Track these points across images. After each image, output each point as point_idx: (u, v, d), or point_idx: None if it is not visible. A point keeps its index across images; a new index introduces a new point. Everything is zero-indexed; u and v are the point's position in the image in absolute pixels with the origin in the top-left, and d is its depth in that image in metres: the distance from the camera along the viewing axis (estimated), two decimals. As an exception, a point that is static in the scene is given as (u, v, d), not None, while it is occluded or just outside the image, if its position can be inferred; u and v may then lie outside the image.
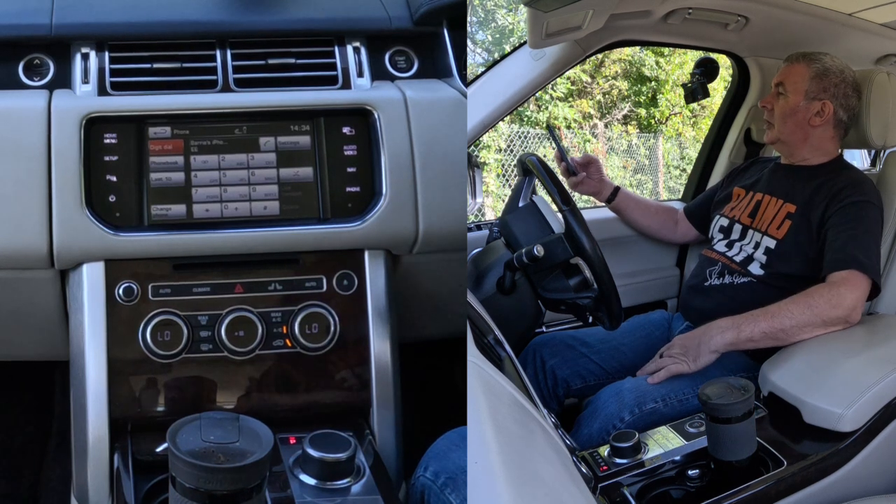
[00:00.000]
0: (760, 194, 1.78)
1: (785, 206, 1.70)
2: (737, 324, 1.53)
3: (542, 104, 7.38)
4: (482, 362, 0.89)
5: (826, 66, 1.73)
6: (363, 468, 1.08)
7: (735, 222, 1.79)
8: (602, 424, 1.49)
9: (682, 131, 8.36)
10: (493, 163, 6.78)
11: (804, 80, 1.72)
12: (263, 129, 1.21)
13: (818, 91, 1.72)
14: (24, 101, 1.17)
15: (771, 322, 1.51)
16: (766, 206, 1.75)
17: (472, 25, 7.35)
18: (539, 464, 0.79)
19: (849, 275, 1.54)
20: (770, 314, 1.51)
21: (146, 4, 1.29)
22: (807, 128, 1.74)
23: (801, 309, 1.50)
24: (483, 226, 2.09)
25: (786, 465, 1.27)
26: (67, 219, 1.13)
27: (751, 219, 1.76)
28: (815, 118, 1.72)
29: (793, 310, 1.51)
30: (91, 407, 1.13)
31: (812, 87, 1.72)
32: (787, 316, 1.50)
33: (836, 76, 1.72)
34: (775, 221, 1.70)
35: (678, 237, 2.13)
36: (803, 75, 1.73)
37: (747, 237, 1.75)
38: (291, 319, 1.18)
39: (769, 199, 1.75)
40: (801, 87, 1.72)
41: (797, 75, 1.74)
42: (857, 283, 1.53)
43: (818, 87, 1.72)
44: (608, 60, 7.81)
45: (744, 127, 2.26)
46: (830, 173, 1.70)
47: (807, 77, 1.72)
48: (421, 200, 1.22)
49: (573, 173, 1.96)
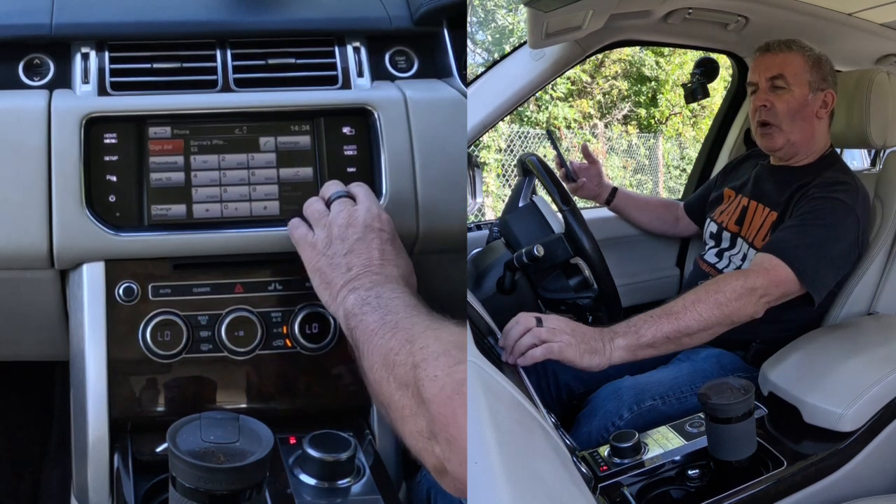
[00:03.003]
0: (746, 199, 1.72)
1: (770, 215, 1.64)
2: (635, 328, 1.29)
3: (542, 104, 7.39)
4: (482, 362, 0.89)
5: (816, 53, 1.62)
6: (363, 468, 1.08)
7: (723, 229, 1.75)
8: (601, 422, 1.49)
9: (682, 131, 8.37)
10: (493, 163, 6.78)
11: (804, 69, 1.60)
12: (263, 129, 1.21)
13: (819, 80, 1.61)
14: (24, 101, 1.17)
15: (676, 324, 1.30)
16: (752, 213, 1.69)
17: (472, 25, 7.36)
18: (539, 464, 0.79)
19: (765, 259, 1.43)
20: (674, 315, 1.31)
21: (146, 4, 1.28)
22: (814, 122, 1.63)
23: (709, 309, 1.32)
24: (483, 226, 2.09)
25: (786, 465, 1.27)
26: (67, 219, 1.13)
27: (738, 226, 1.71)
28: (821, 110, 1.63)
29: (700, 310, 1.32)
30: (91, 407, 1.13)
31: (814, 77, 1.61)
32: (693, 318, 1.31)
33: (827, 62, 1.63)
34: (761, 232, 1.65)
35: (680, 231, 2.12)
36: (802, 64, 1.61)
37: (736, 246, 1.72)
38: (291, 319, 1.18)
39: (755, 205, 1.69)
40: (804, 78, 1.60)
41: (796, 65, 1.61)
42: (774, 271, 1.41)
43: (819, 76, 1.61)
44: (608, 60, 7.82)
45: (744, 127, 2.26)
46: (815, 174, 1.61)
47: (806, 66, 1.61)
48: (421, 200, 1.22)
49: (573, 179, 1.95)
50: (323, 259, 1.07)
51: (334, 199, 1.12)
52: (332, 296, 1.05)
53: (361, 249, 1.06)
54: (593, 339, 1.27)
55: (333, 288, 1.05)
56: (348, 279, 1.04)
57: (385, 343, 0.93)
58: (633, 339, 1.28)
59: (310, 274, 1.09)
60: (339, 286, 1.04)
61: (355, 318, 1.00)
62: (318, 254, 1.07)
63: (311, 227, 1.11)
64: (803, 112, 1.62)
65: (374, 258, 1.06)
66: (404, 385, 0.88)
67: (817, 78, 1.61)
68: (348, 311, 1.01)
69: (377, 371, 0.93)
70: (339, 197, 1.12)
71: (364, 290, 1.02)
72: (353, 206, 1.11)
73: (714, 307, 1.33)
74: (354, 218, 1.09)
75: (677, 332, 1.31)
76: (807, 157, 1.68)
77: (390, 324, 0.95)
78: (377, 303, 1.00)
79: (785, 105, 1.61)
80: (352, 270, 1.05)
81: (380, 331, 0.95)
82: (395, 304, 0.99)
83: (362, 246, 1.07)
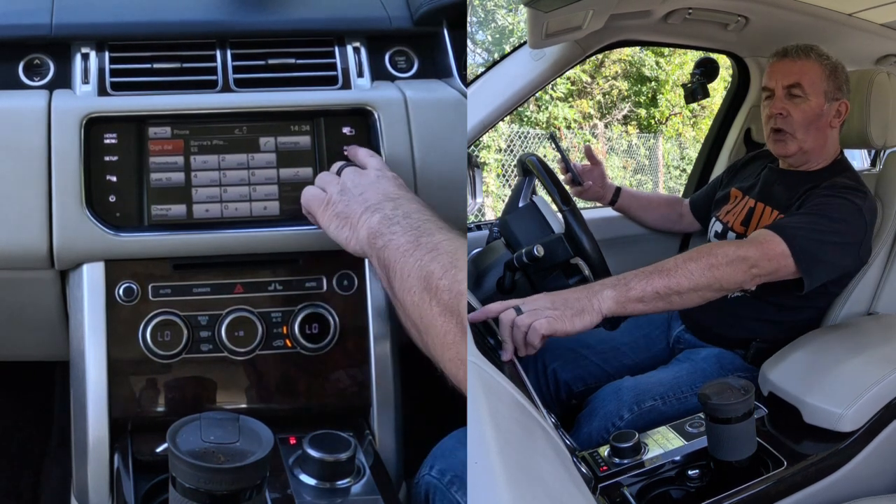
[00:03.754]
0: (753, 201, 1.72)
1: (777, 218, 1.62)
2: (625, 280, 1.28)
3: (542, 104, 7.38)
4: (482, 362, 0.90)
5: (833, 62, 1.61)
6: (363, 468, 1.08)
7: (729, 230, 1.75)
8: (601, 423, 1.49)
9: (682, 131, 8.36)
10: (493, 163, 6.78)
11: (821, 78, 1.59)
12: (263, 129, 1.21)
13: (835, 90, 1.60)
14: (24, 102, 1.17)
15: (667, 281, 1.29)
16: (759, 215, 1.68)
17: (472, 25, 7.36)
18: (539, 464, 0.79)
19: (762, 233, 1.43)
20: (666, 272, 1.30)
21: (146, 4, 1.29)
22: (827, 131, 1.63)
23: (701, 269, 1.32)
24: (483, 226, 2.09)
25: (786, 465, 1.27)
26: (67, 219, 1.13)
27: (744, 227, 1.70)
28: (835, 120, 1.62)
29: (692, 269, 1.31)
30: (91, 407, 1.13)
31: (830, 87, 1.60)
32: (685, 275, 1.30)
33: (843, 70, 1.62)
34: None
35: (684, 228, 2.12)
36: (819, 74, 1.60)
37: None
38: (291, 319, 1.18)
39: (762, 207, 1.69)
40: (821, 88, 1.59)
41: (814, 74, 1.59)
42: (768, 244, 1.40)
43: (835, 85, 1.60)
44: (608, 60, 7.82)
45: (744, 127, 2.26)
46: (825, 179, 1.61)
47: (823, 75, 1.60)
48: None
49: (578, 183, 1.95)
50: (339, 204, 1.04)
51: (343, 167, 1.12)
52: (351, 228, 1.01)
53: (377, 187, 1.04)
54: (576, 300, 1.24)
55: (352, 218, 1.01)
56: (368, 206, 1.01)
57: (425, 265, 0.90)
58: (623, 292, 1.26)
59: (326, 226, 1.05)
60: (358, 214, 1.01)
61: (383, 238, 0.96)
62: (333, 203, 1.05)
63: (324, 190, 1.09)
64: (818, 122, 1.61)
65: (391, 191, 1.03)
66: (449, 311, 0.87)
67: (833, 88, 1.60)
68: (373, 230, 0.98)
69: (416, 294, 0.90)
70: (346, 166, 1.12)
71: (389, 210, 0.99)
72: (362, 169, 1.11)
73: (705, 268, 1.32)
74: (365, 172, 1.08)
75: (667, 289, 1.29)
76: (817, 164, 1.67)
77: (427, 245, 0.92)
78: (406, 223, 0.96)
79: (801, 114, 1.60)
80: (370, 201, 1.02)
81: (416, 252, 0.92)
82: (427, 226, 0.96)
83: (378, 185, 1.05)
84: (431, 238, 0.94)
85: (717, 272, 1.33)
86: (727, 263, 1.34)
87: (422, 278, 0.90)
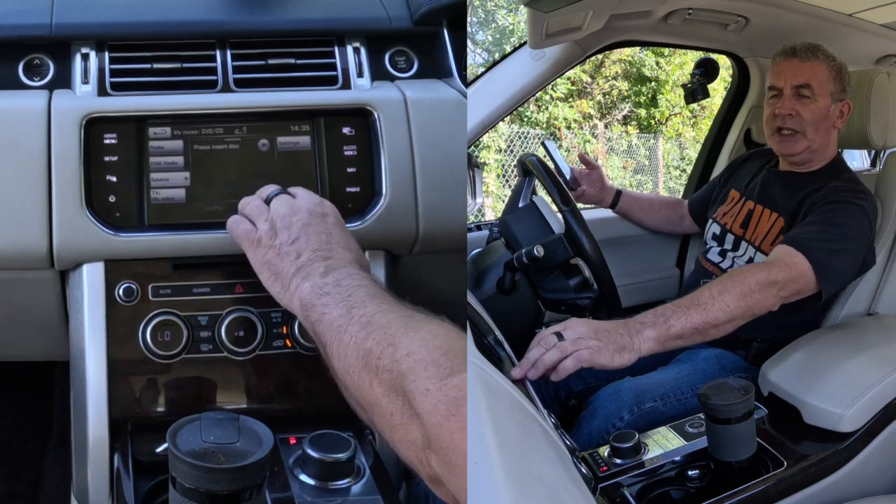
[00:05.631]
0: (752, 203, 1.72)
1: (777, 221, 1.64)
2: (664, 318, 1.26)
3: (542, 104, 7.39)
4: (482, 362, 0.89)
5: (838, 63, 1.62)
6: (363, 468, 1.07)
7: (727, 231, 1.75)
8: (601, 423, 1.49)
9: (682, 132, 8.37)
10: (493, 163, 6.78)
11: (829, 79, 1.61)
12: (263, 129, 1.21)
13: (840, 91, 1.62)
14: (24, 102, 1.17)
15: (705, 316, 1.28)
16: (758, 217, 1.69)
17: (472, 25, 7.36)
18: (539, 464, 0.79)
19: (788, 254, 1.43)
20: (703, 306, 1.29)
21: (146, 4, 1.28)
22: (831, 132, 1.65)
23: (735, 300, 1.31)
24: (483, 226, 2.09)
25: (786, 465, 1.27)
26: (67, 219, 1.13)
27: (743, 229, 1.71)
28: (839, 120, 1.64)
29: (727, 301, 1.31)
30: (91, 407, 1.13)
31: (836, 88, 1.61)
32: (721, 309, 1.30)
33: (846, 72, 1.64)
34: (769, 237, 1.65)
35: (685, 229, 2.12)
36: (827, 74, 1.61)
37: (740, 249, 1.71)
38: (292, 320, 1.18)
39: (761, 209, 1.69)
40: (828, 89, 1.61)
41: (823, 75, 1.60)
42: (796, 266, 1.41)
43: (839, 86, 1.62)
44: (608, 61, 7.82)
45: (744, 127, 2.26)
46: (824, 181, 1.62)
47: (830, 76, 1.61)
48: (421, 201, 1.22)
49: (572, 188, 1.95)
50: (270, 251, 1.02)
51: (273, 196, 1.08)
52: (283, 287, 1.00)
53: (309, 234, 1.02)
54: (619, 335, 1.22)
55: (284, 278, 1.00)
56: (299, 266, 0.99)
57: (361, 343, 0.87)
58: (664, 331, 1.25)
59: (257, 270, 1.04)
60: (290, 275, 0.99)
61: (315, 311, 0.94)
62: (264, 247, 1.03)
63: (254, 224, 1.06)
64: (826, 122, 1.62)
65: (322, 242, 1.01)
66: (393, 391, 0.83)
67: (838, 89, 1.62)
68: (305, 301, 0.96)
69: (356, 374, 0.87)
70: (277, 194, 1.08)
71: (319, 277, 0.97)
72: (292, 199, 1.07)
73: (739, 298, 1.32)
74: (297, 206, 1.05)
75: (706, 324, 1.28)
76: (818, 164, 1.68)
77: (360, 320, 0.89)
78: (337, 292, 0.94)
79: (811, 114, 1.60)
80: (301, 257, 0.99)
81: (349, 326, 0.89)
82: (359, 295, 0.93)
83: (309, 231, 1.02)
84: (364, 310, 0.91)
85: (749, 300, 1.33)
86: (759, 290, 1.34)
87: (360, 357, 0.87)
